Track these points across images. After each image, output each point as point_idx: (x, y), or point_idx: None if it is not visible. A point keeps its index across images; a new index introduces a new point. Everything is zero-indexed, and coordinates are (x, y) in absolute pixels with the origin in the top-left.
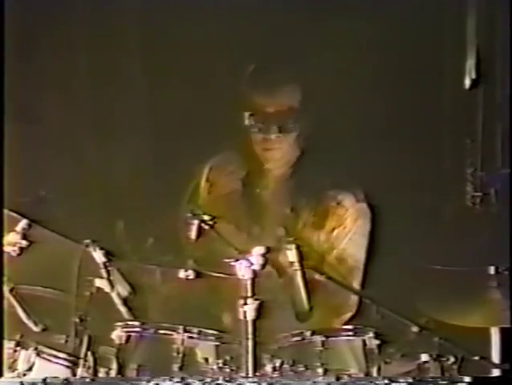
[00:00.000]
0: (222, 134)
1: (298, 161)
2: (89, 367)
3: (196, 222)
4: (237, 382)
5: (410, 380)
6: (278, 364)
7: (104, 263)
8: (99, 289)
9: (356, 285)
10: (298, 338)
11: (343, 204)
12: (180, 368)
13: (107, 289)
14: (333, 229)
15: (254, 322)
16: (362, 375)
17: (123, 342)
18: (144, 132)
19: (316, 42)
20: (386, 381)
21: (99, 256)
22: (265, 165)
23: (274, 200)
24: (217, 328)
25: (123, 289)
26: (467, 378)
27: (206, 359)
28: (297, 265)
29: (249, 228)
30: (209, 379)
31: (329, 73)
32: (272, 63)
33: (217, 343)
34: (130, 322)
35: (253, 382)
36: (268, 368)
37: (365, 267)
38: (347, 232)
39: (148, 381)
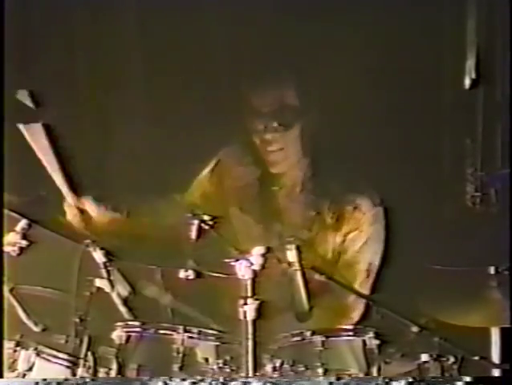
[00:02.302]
0: (223, 135)
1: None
2: (89, 367)
3: (196, 222)
4: (236, 381)
5: (410, 380)
6: (278, 364)
7: (104, 263)
8: (99, 289)
9: (366, 290)
10: (298, 338)
11: (361, 209)
12: (181, 368)
13: (107, 289)
14: (348, 232)
15: (254, 322)
16: (362, 375)
17: (123, 342)
18: (145, 131)
19: (313, 42)
20: (386, 381)
21: (99, 256)
22: (271, 170)
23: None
24: (217, 328)
25: (123, 289)
26: (467, 378)
27: (206, 359)
28: (297, 265)
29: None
30: (208, 380)
31: (327, 73)
32: (272, 62)
33: (217, 343)
34: (130, 322)
35: (253, 382)
36: (268, 368)
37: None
38: (363, 236)
39: (148, 380)
